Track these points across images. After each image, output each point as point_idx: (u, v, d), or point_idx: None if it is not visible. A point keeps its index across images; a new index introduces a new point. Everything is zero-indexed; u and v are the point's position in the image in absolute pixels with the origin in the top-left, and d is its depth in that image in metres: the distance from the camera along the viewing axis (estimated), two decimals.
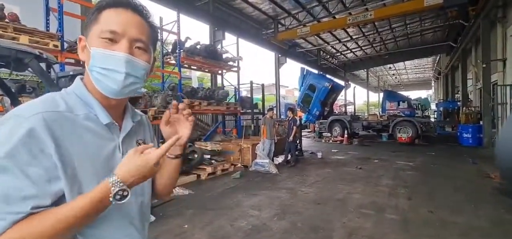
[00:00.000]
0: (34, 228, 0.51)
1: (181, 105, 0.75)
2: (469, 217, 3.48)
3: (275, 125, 7.49)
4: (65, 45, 5.09)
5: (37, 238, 0.51)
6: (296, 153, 8.39)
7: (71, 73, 3.06)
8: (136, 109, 0.80)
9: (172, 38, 7.99)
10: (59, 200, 0.56)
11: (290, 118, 7.35)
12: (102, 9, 0.64)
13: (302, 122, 17.00)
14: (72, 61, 5.44)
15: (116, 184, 0.56)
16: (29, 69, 2.24)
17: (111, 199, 0.56)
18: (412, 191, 4.61)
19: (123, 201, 0.57)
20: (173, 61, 7.34)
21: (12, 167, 0.51)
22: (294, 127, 7.08)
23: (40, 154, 0.54)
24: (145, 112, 6.05)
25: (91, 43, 0.63)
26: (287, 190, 4.82)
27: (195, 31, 56.83)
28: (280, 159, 7.53)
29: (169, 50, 7.53)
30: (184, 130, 0.76)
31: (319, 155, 8.43)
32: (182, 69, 8.45)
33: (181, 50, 6.97)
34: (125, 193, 0.57)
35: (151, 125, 0.87)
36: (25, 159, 0.52)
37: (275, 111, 13.95)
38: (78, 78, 0.69)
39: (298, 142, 8.91)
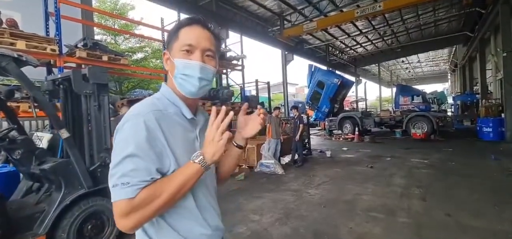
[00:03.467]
0: (159, 188, 0.73)
1: (260, 110, 0.95)
2: (491, 221, 3.14)
3: (281, 124, 7.26)
4: (65, 49, 5.07)
5: (163, 193, 0.73)
6: (304, 152, 8.13)
7: (59, 76, 2.97)
8: (203, 110, 0.99)
9: None
10: (162, 176, 0.76)
11: (295, 116, 7.09)
12: (181, 28, 0.83)
13: (312, 119, 16.68)
14: (73, 65, 5.42)
15: (201, 159, 0.77)
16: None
17: (203, 167, 0.76)
18: (426, 191, 4.28)
19: (208, 169, 0.78)
20: None
21: (140, 153, 0.71)
22: (301, 125, 6.82)
23: (154, 141, 0.74)
24: None
25: (174, 55, 0.82)
26: (292, 192, 4.59)
27: None
28: (287, 159, 7.29)
29: None
30: (252, 128, 0.95)
31: (328, 153, 8.13)
32: None
33: None
34: (207, 165, 0.77)
35: None
36: (146, 147, 0.72)
37: (282, 110, 13.68)
38: (164, 85, 0.89)
39: (306, 140, 8.64)
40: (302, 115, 7.77)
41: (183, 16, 7.62)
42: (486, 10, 11.29)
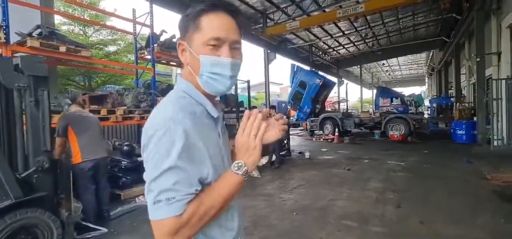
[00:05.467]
0: (207, 201, 0.67)
1: (277, 116, 0.82)
2: (465, 228, 3.03)
3: None
4: (16, 37, 4.53)
5: (211, 209, 0.67)
6: (283, 153, 7.94)
7: None
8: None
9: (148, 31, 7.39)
10: (203, 185, 0.70)
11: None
12: (201, 14, 0.71)
13: (294, 120, 16.59)
14: (24, 54, 4.85)
15: (245, 170, 0.71)
16: None
17: (245, 178, 0.71)
18: (401, 196, 4.17)
19: (247, 177, 0.72)
20: (149, 57, 6.77)
21: (181, 164, 0.64)
22: None
23: (193, 150, 0.67)
24: (113, 112, 5.51)
25: (197, 50, 0.71)
26: (264, 197, 4.34)
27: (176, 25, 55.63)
28: (264, 161, 7.05)
29: (144, 45, 6.93)
30: (273, 134, 0.80)
31: (307, 155, 7.98)
32: (161, 66, 7.92)
33: (155, 45, 6.41)
34: (248, 173, 0.72)
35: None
36: (187, 156, 0.65)
37: (263, 109, 13.46)
38: (183, 80, 0.78)
39: (285, 141, 8.46)
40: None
41: (156, 7, 7.18)
42: (461, 16, 11.63)
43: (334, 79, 19.95)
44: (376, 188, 4.67)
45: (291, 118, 17.88)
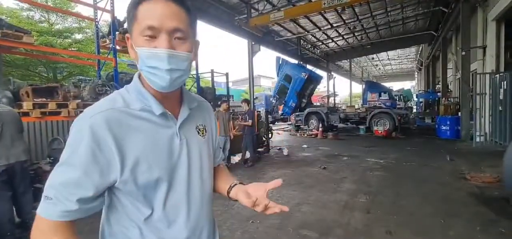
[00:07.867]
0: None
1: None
2: None
3: (230, 119, 6.57)
4: None
5: None
6: (260, 149, 7.57)
7: None
8: (194, 95, 0.83)
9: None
10: (110, 189, 0.66)
11: (246, 111, 6.44)
12: (138, 4, 0.64)
13: (280, 114, 16.19)
14: None
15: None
16: None
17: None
18: (373, 200, 3.82)
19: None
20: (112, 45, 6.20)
21: (76, 163, 0.59)
22: (250, 121, 6.17)
23: (98, 150, 0.60)
24: (65, 105, 5.00)
25: (136, 42, 0.64)
26: (224, 200, 3.90)
27: None
28: (238, 158, 6.65)
29: (107, 33, 6.35)
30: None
31: (285, 151, 7.61)
32: (127, 56, 7.39)
33: (117, 32, 5.85)
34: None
35: (212, 110, 0.90)
36: (86, 157, 0.59)
37: (248, 103, 13.02)
38: (136, 74, 0.72)
39: (264, 138, 8.08)
40: (252, 110, 7.13)
41: None
42: (448, 8, 11.35)
43: (322, 73, 19.59)
44: (348, 190, 4.31)
45: (279, 112, 17.53)
